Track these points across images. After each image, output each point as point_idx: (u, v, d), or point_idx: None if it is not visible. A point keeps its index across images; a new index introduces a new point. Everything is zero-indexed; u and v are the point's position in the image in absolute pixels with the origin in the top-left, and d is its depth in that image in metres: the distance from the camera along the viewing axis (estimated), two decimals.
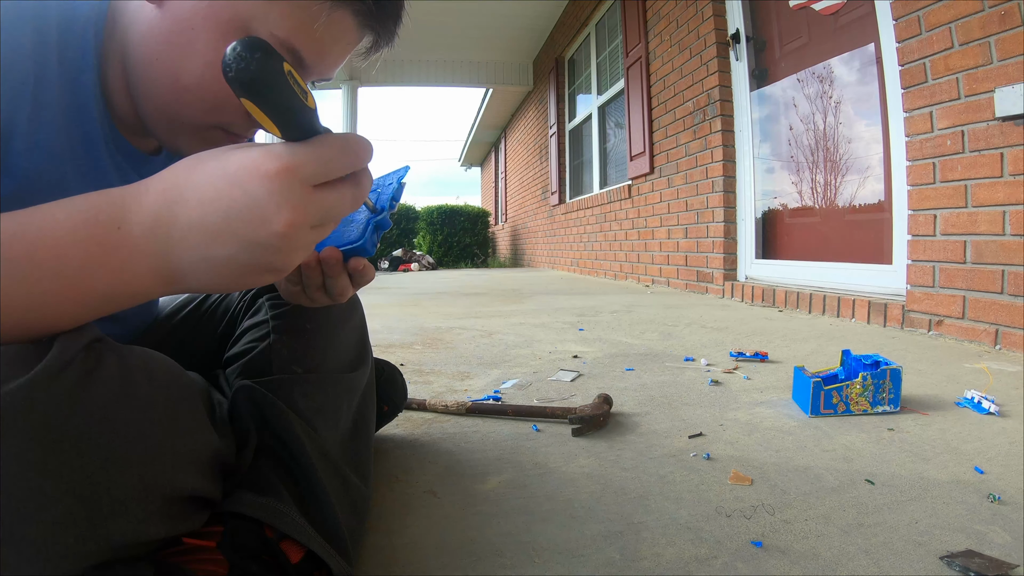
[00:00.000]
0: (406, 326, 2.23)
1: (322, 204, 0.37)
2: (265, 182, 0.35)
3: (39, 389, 0.32)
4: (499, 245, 11.40)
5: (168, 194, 0.37)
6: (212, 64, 0.46)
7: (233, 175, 0.36)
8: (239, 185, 0.35)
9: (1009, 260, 1.56)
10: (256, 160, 0.36)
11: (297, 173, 0.36)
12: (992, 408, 1.02)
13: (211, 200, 0.36)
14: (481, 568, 0.57)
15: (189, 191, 0.36)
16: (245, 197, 0.35)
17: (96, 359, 0.37)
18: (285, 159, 0.36)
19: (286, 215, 0.35)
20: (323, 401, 0.59)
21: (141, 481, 0.37)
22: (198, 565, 0.43)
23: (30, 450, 0.31)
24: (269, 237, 0.36)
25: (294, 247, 0.37)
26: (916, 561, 0.56)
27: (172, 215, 0.36)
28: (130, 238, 0.36)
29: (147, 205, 0.36)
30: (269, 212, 0.35)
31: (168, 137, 0.52)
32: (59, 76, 0.46)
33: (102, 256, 0.36)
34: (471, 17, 6.44)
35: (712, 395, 1.19)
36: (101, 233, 0.36)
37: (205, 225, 0.36)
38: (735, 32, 2.98)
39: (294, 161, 0.36)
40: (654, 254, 3.93)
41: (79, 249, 0.35)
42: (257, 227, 0.36)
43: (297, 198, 0.36)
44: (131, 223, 0.36)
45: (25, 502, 0.31)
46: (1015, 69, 1.51)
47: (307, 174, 0.36)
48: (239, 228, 0.36)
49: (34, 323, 0.35)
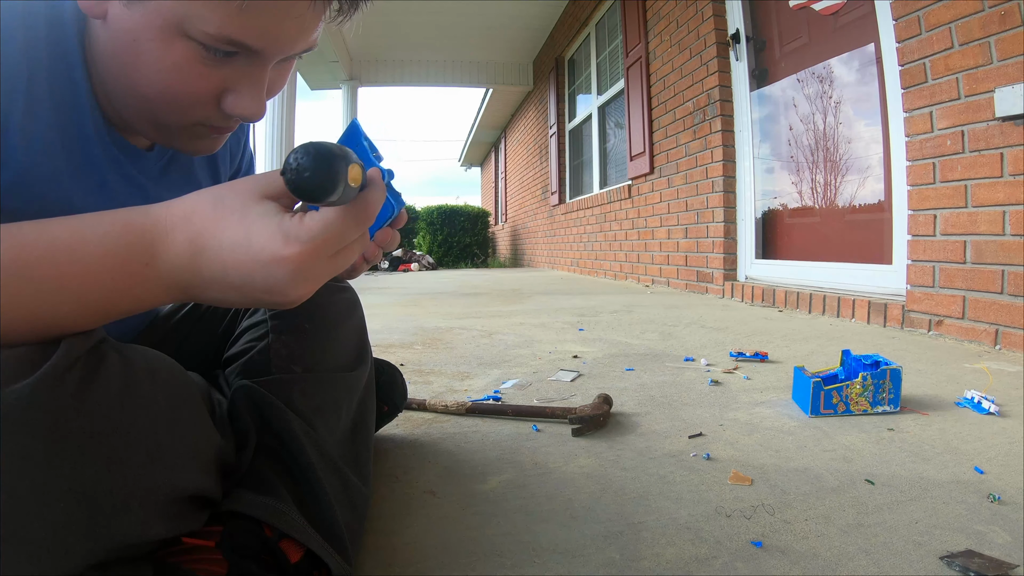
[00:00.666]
0: (406, 326, 2.23)
1: (335, 267, 0.41)
2: (288, 267, 0.38)
3: (44, 390, 0.32)
4: (499, 245, 11.40)
5: (195, 244, 0.39)
6: (161, 70, 0.46)
7: (256, 256, 0.38)
8: (261, 265, 0.38)
9: (1009, 260, 1.56)
10: (274, 242, 0.38)
11: (318, 255, 0.39)
12: (992, 408, 1.02)
13: (234, 267, 0.38)
14: (481, 568, 0.56)
15: (213, 249, 0.39)
16: (266, 276, 0.38)
17: (99, 359, 0.37)
18: (307, 244, 0.38)
19: (302, 291, 0.40)
20: (322, 400, 0.59)
21: (143, 481, 0.37)
22: (197, 564, 0.43)
23: (34, 450, 0.31)
24: (284, 302, 0.40)
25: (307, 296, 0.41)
26: (916, 561, 0.56)
27: (195, 265, 0.39)
28: (156, 275, 0.39)
29: (174, 250, 0.39)
30: (288, 289, 0.39)
31: (156, 137, 0.52)
32: (49, 72, 0.46)
33: (128, 286, 0.39)
34: (471, 17, 6.44)
35: (712, 395, 1.19)
36: (130, 266, 0.38)
37: (227, 280, 0.39)
38: (735, 32, 2.98)
39: (313, 245, 0.38)
40: (654, 254, 3.93)
41: (107, 278, 0.38)
42: (276, 296, 0.39)
43: (314, 276, 0.39)
44: (159, 262, 0.39)
45: (28, 501, 0.31)
46: (1015, 69, 1.51)
47: (326, 252, 0.39)
48: (258, 294, 0.39)
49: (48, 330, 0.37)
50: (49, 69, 0.46)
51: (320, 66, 7.05)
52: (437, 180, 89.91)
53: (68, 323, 0.37)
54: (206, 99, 0.48)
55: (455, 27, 6.73)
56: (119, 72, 0.48)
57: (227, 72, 0.47)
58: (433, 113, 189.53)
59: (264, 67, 0.48)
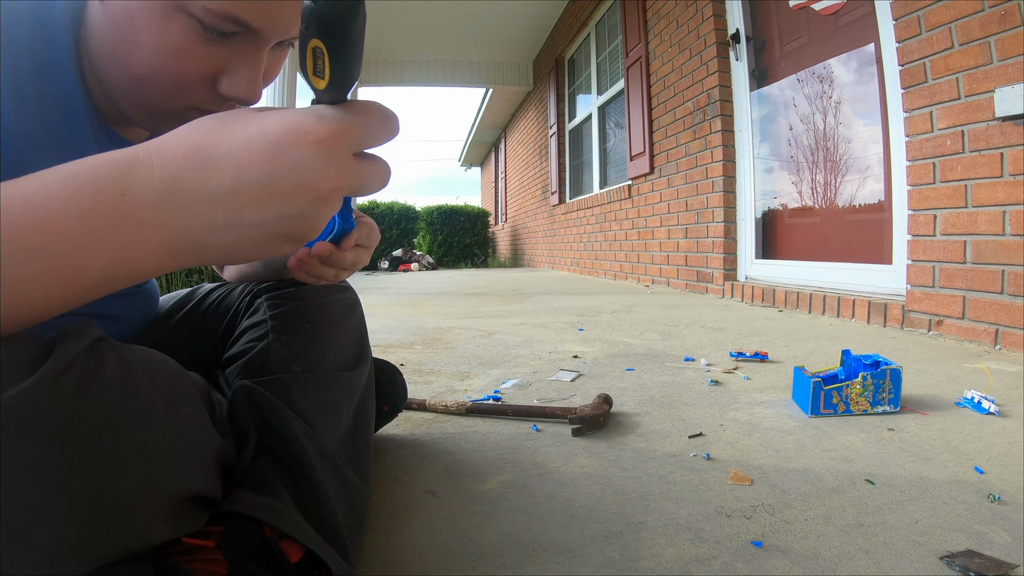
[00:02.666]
0: (406, 326, 2.23)
1: (361, 174, 0.36)
2: (316, 148, 0.34)
3: (42, 393, 0.32)
4: (499, 245, 11.40)
5: (192, 157, 0.33)
6: (157, 50, 0.45)
7: (277, 140, 0.33)
8: (285, 151, 0.33)
9: (1009, 260, 1.56)
10: (304, 124, 0.34)
11: (346, 139, 0.35)
12: (992, 408, 1.02)
13: (252, 166, 0.33)
14: (481, 568, 0.56)
15: (221, 154, 0.34)
16: (291, 161, 0.33)
17: (98, 360, 0.36)
18: (334, 124, 0.34)
19: (333, 181, 0.34)
20: (322, 400, 0.59)
21: (145, 482, 0.36)
22: (197, 565, 0.43)
23: (33, 453, 0.31)
24: (311, 203, 0.35)
25: (327, 214, 0.36)
26: (916, 561, 0.56)
27: (198, 180, 0.33)
28: (138, 208, 0.33)
29: (163, 170, 0.33)
30: (317, 178, 0.34)
31: (148, 124, 0.52)
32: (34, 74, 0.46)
33: (102, 230, 0.32)
34: (471, 17, 6.44)
35: (712, 395, 1.19)
36: (100, 203, 0.32)
37: (243, 190, 0.33)
38: (735, 32, 2.98)
39: (343, 127, 0.34)
40: (654, 254, 3.93)
41: (73, 223, 0.31)
42: (303, 193, 0.34)
43: (344, 165, 0.35)
44: (138, 190, 0.33)
45: (29, 505, 0.31)
46: (1015, 69, 1.51)
47: (353, 141, 0.35)
48: (281, 194, 0.34)
49: (19, 311, 0.32)
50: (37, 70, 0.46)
51: None
52: (437, 180, 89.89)
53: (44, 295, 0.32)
54: (201, 80, 0.48)
55: (455, 27, 6.73)
56: (113, 54, 0.47)
57: (224, 53, 0.47)
58: (433, 113, 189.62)
59: (262, 49, 0.48)
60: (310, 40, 0.33)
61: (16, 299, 0.31)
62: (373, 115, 0.36)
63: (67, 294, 0.33)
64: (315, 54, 0.33)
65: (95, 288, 0.34)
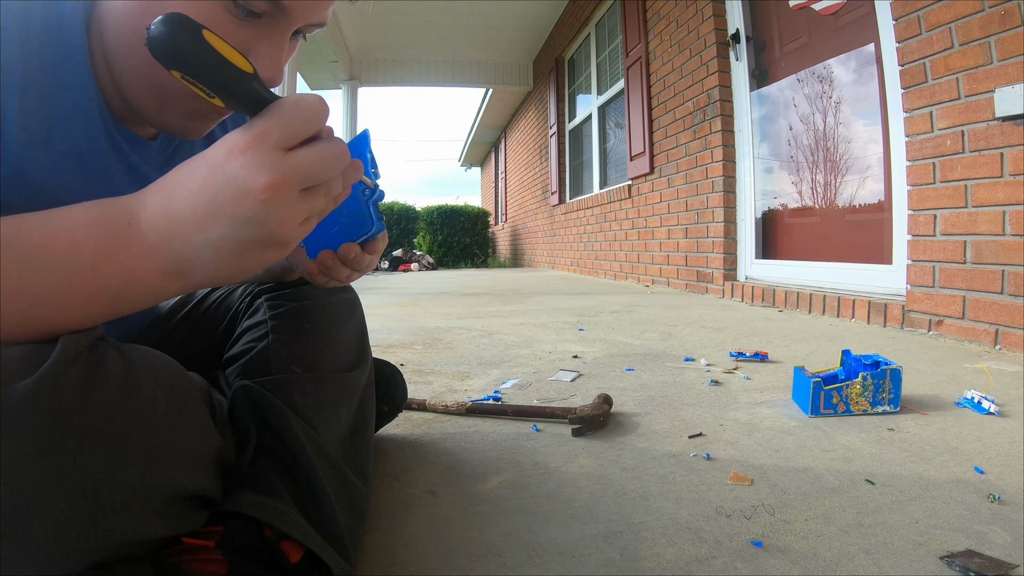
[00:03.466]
0: (406, 326, 2.23)
1: (299, 163, 0.38)
2: (238, 157, 0.37)
3: (44, 389, 0.32)
4: (499, 245, 11.40)
5: (162, 192, 0.39)
6: None
7: (212, 161, 0.38)
8: (218, 168, 0.37)
9: (1009, 260, 1.56)
10: (228, 141, 0.38)
11: (265, 140, 0.37)
12: (992, 408, 1.02)
13: (198, 189, 0.38)
14: (481, 568, 0.56)
15: (179, 185, 0.38)
16: (224, 176, 0.37)
17: (99, 358, 0.37)
18: (250, 131, 0.37)
19: (263, 179, 0.37)
20: (322, 401, 0.59)
21: (143, 480, 0.37)
22: (197, 564, 0.43)
23: (34, 448, 0.32)
24: (254, 206, 0.37)
25: (283, 214, 0.38)
26: (916, 561, 0.56)
27: (169, 210, 0.38)
28: (138, 235, 0.38)
29: (149, 203, 0.39)
30: (248, 182, 0.37)
31: (157, 114, 0.52)
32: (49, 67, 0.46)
33: (113, 250, 0.37)
34: (471, 17, 6.44)
35: (712, 395, 1.19)
36: (113, 229, 0.38)
37: (196, 211, 0.37)
38: (735, 32, 2.98)
39: (258, 130, 0.37)
40: (654, 254, 3.93)
41: (92, 243, 0.37)
42: (241, 200, 0.37)
43: (271, 162, 0.37)
44: (138, 220, 0.38)
45: (28, 499, 0.31)
46: (1015, 69, 1.51)
47: (275, 139, 0.37)
48: (226, 206, 0.37)
49: (43, 319, 0.36)
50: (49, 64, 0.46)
51: (320, 66, 7.05)
52: (437, 180, 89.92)
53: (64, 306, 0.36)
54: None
55: (455, 27, 6.73)
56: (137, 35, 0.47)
57: (248, 34, 0.47)
58: (433, 113, 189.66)
59: (286, 31, 0.49)
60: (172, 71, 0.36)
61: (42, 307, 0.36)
62: (288, 108, 0.38)
63: (85, 307, 0.37)
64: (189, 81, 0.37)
65: (108, 305, 0.38)
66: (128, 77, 0.50)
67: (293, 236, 0.39)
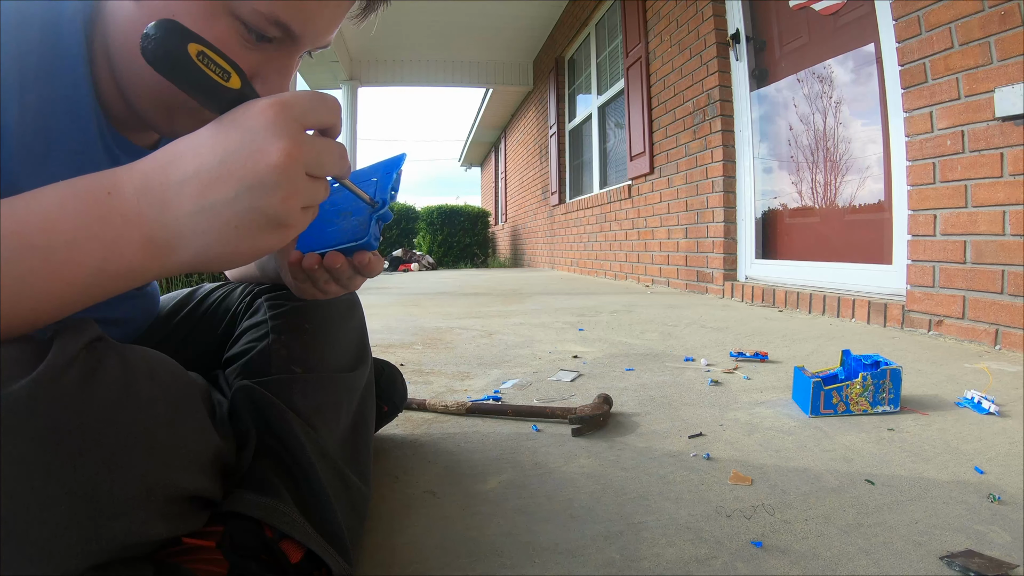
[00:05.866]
0: (406, 326, 2.23)
1: (313, 145, 0.38)
2: (261, 115, 0.36)
3: (41, 390, 0.32)
4: (499, 245, 11.40)
5: (161, 158, 0.38)
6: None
7: (228, 120, 0.37)
8: (236, 124, 0.37)
9: (1009, 260, 1.56)
10: (250, 106, 0.38)
11: (290, 110, 0.37)
12: (992, 408, 1.02)
13: (207, 148, 0.36)
14: (481, 568, 0.56)
15: (184, 148, 0.37)
16: (241, 133, 0.36)
17: (97, 359, 0.36)
18: (277, 97, 0.38)
19: (283, 144, 0.36)
20: (322, 401, 0.59)
21: (143, 481, 0.37)
22: (198, 565, 0.43)
23: (33, 451, 0.31)
24: (268, 171, 0.36)
25: (290, 188, 0.37)
26: (916, 561, 0.56)
27: (166, 174, 0.37)
28: (121, 204, 0.36)
29: (139, 169, 0.37)
30: (267, 143, 0.36)
31: (165, 123, 0.52)
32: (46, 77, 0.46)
33: (93, 226, 0.35)
34: (471, 17, 6.44)
35: (712, 395, 1.19)
36: (91, 202, 0.36)
37: (201, 172, 0.36)
38: (735, 32, 2.98)
39: (286, 99, 0.38)
40: (654, 254, 3.93)
41: (69, 221, 0.35)
42: (257, 160, 0.36)
43: (293, 130, 0.37)
44: (122, 188, 0.36)
45: (27, 502, 0.31)
46: (1015, 69, 1.51)
47: (298, 112, 0.38)
48: (237, 167, 0.36)
49: (22, 310, 0.34)
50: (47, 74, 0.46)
51: (320, 66, 7.05)
52: (437, 180, 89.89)
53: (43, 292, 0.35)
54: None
55: (455, 27, 6.73)
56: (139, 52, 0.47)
57: (259, 57, 0.47)
58: (433, 113, 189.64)
59: (294, 56, 0.49)
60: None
61: (19, 295, 0.34)
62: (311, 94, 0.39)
63: (65, 292, 0.35)
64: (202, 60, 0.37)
65: (89, 286, 0.36)
66: (133, 84, 0.49)
67: (293, 219, 0.38)
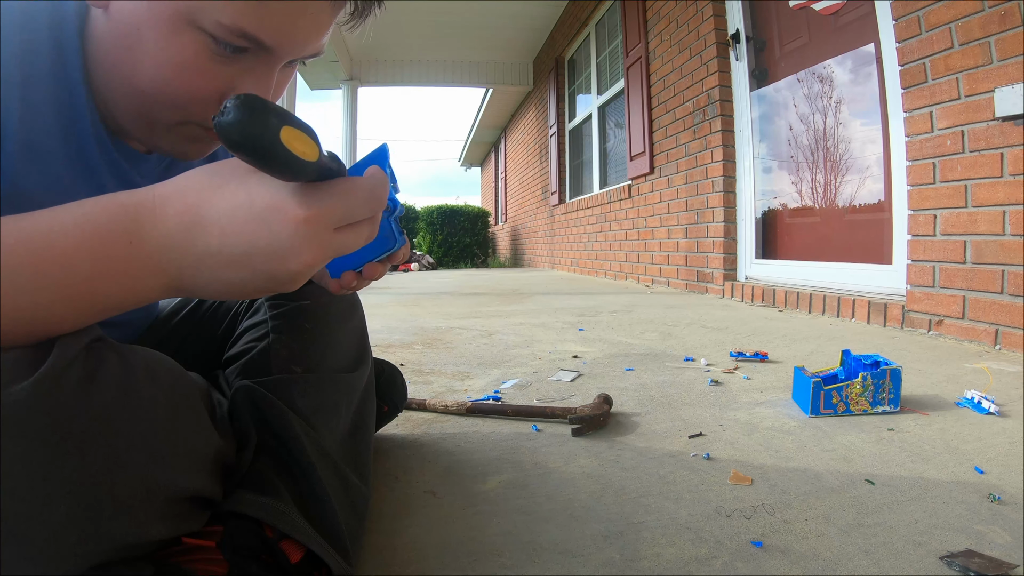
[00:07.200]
0: (406, 326, 2.23)
1: (341, 244, 0.38)
2: (292, 227, 0.35)
3: (42, 392, 0.32)
4: (499, 245, 11.40)
5: (185, 217, 0.36)
6: (163, 64, 0.44)
7: (260, 214, 0.36)
8: (266, 225, 0.35)
9: (1009, 260, 1.56)
10: (285, 203, 0.36)
11: (323, 220, 0.36)
12: (992, 408, 1.02)
13: (234, 234, 0.36)
14: (481, 568, 0.56)
15: (210, 219, 0.36)
16: (270, 236, 0.36)
17: (98, 360, 0.37)
18: (313, 207, 0.36)
19: (306, 257, 0.36)
20: (322, 401, 0.59)
21: (143, 482, 0.37)
22: (197, 565, 0.43)
23: (33, 452, 0.31)
24: (286, 273, 0.37)
25: (305, 277, 0.38)
26: (916, 561, 0.56)
27: (189, 240, 0.36)
28: (142, 255, 0.36)
29: (162, 225, 0.36)
30: (291, 254, 0.36)
31: (146, 137, 0.51)
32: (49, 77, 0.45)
33: (112, 269, 0.36)
34: (471, 17, 6.44)
35: (712, 395, 1.19)
36: (112, 246, 0.35)
37: (224, 254, 0.36)
38: (735, 32, 2.98)
39: (322, 210, 0.36)
40: (654, 254, 3.93)
41: (88, 261, 0.35)
42: (277, 264, 0.36)
43: (319, 243, 0.37)
44: (144, 240, 0.36)
45: (28, 503, 0.31)
46: (1015, 69, 1.51)
47: (332, 220, 0.37)
48: (259, 262, 0.36)
49: (35, 329, 0.35)
50: (49, 74, 0.45)
51: (320, 66, 7.05)
52: (437, 180, 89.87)
53: (55, 318, 0.35)
54: (208, 98, 0.46)
55: (455, 27, 6.73)
56: (116, 65, 0.46)
57: (233, 70, 0.46)
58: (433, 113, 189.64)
59: (273, 67, 0.47)
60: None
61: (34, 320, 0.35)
62: (357, 196, 0.37)
63: (79, 317, 0.36)
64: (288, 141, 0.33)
65: (103, 313, 0.37)
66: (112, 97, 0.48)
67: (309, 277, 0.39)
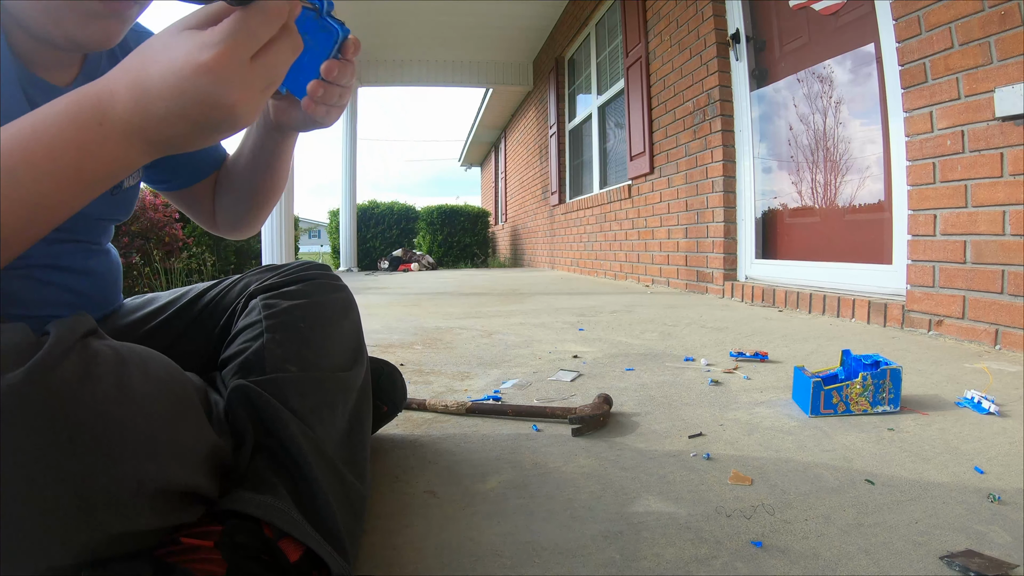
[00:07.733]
0: (406, 326, 2.23)
1: (267, 68, 0.41)
2: (205, 74, 0.39)
3: (36, 380, 0.33)
4: (499, 245, 11.40)
5: (134, 91, 0.40)
6: None
7: (179, 71, 0.39)
8: (187, 80, 0.39)
9: (1009, 260, 1.56)
10: (191, 54, 0.39)
11: (231, 57, 0.39)
12: (992, 408, 1.02)
13: (170, 96, 0.40)
14: (481, 568, 0.56)
15: (151, 87, 0.40)
16: (195, 89, 0.39)
17: (93, 353, 0.37)
18: (216, 47, 0.39)
19: (235, 96, 0.40)
20: (318, 400, 0.59)
21: (134, 475, 0.37)
22: (196, 564, 0.43)
23: (25, 441, 0.32)
24: (226, 113, 0.41)
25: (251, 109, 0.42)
26: (916, 561, 0.56)
27: (142, 109, 0.41)
28: (114, 133, 0.41)
29: (120, 104, 0.41)
30: (219, 98, 0.40)
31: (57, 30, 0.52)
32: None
33: (93, 150, 0.41)
34: (471, 17, 6.44)
35: (712, 395, 1.19)
36: (86, 131, 0.40)
37: (173, 113, 0.40)
38: (735, 32, 2.98)
39: (223, 48, 0.39)
40: (654, 254, 3.93)
41: (72, 147, 0.40)
42: (213, 111, 0.40)
43: (240, 78, 0.40)
44: (111, 118, 0.41)
45: (19, 490, 0.31)
46: (1015, 69, 1.51)
47: (241, 53, 0.39)
48: (198, 114, 0.40)
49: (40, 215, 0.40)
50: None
51: None
52: (437, 180, 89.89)
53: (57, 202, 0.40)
54: None
55: (455, 27, 6.73)
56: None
57: None
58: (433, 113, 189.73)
59: None
60: None
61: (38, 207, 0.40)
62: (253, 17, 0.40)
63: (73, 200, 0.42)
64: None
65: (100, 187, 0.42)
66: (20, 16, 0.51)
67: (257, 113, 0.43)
